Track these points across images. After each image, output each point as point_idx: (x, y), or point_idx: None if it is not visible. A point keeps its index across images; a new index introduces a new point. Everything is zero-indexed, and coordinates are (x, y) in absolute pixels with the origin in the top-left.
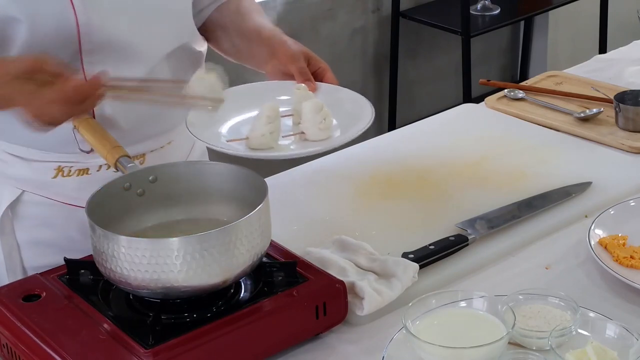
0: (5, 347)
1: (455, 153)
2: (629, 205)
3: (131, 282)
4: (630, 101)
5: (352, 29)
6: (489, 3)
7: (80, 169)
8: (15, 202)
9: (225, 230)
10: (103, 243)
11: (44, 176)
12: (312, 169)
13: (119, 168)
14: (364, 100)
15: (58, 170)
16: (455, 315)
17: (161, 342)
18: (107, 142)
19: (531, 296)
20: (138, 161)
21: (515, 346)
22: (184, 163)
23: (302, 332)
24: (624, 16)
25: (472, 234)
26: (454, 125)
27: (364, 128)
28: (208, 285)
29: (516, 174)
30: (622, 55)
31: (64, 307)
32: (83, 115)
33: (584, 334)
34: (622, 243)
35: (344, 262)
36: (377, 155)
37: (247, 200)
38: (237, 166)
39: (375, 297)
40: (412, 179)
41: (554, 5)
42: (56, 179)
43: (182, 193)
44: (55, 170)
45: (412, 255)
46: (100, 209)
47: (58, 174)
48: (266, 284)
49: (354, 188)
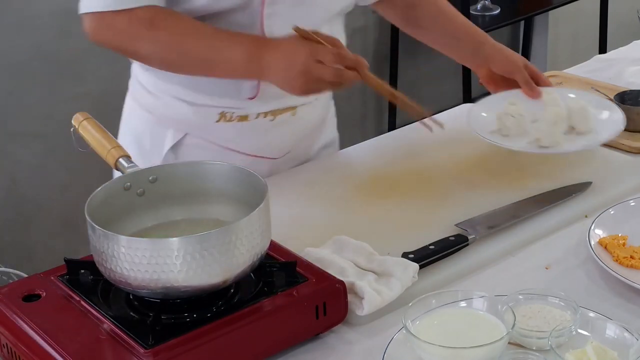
0: (5, 347)
1: (455, 153)
2: (629, 205)
3: (131, 282)
4: (630, 101)
5: (352, 29)
6: (489, 3)
7: (241, 116)
8: (178, 145)
9: (225, 230)
10: (103, 243)
11: (207, 120)
12: (312, 169)
13: (119, 168)
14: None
15: (221, 115)
16: (455, 315)
17: (161, 342)
18: (107, 142)
19: (531, 296)
20: (290, 112)
21: (515, 346)
22: (184, 163)
23: (302, 332)
24: (624, 16)
25: (472, 234)
26: (454, 125)
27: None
28: (208, 285)
29: (516, 174)
30: (622, 55)
31: (64, 307)
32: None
33: (584, 334)
34: (622, 243)
35: (343, 262)
36: (377, 155)
37: (247, 200)
38: (237, 166)
39: (375, 297)
40: (412, 179)
41: (554, 5)
42: (218, 124)
43: (182, 193)
44: (219, 115)
45: (412, 255)
46: (100, 209)
47: (221, 119)
48: (266, 284)
49: (354, 188)
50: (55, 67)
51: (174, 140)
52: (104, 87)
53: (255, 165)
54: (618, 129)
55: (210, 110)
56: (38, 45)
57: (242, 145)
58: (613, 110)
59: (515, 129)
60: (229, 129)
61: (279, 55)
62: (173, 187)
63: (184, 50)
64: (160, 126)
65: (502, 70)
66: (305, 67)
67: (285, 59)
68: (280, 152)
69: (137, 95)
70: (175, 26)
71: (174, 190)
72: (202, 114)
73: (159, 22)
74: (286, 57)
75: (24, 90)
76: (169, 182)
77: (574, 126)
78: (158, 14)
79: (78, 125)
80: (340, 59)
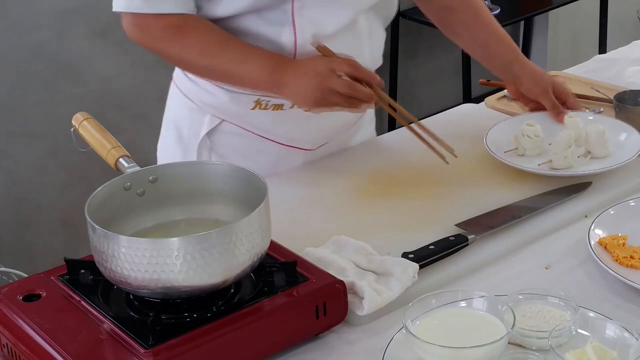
0: (5, 347)
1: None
2: (629, 205)
3: (131, 282)
4: (630, 101)
5: None
6: (489, 3)
7: (276, 105)
8: (214, 131)
9: (225, 230)
10: (103, 243)
11: (243, 107)
12: (312, 169)
13: (119, 168)
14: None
15: (256, 102)
16: (455, 315)
17: (161, 342)
18: (107, 142)
19: (531, 296)
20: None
21: (515, 346)
22: (184, 163)
23: (302, 332)
24: (624, 16)
25: (472, 234)
26: (454, 125)
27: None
28: (208, 285)
29: (517, 174)
30: (622, 55)
31: (64, 307)
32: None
33: (584, 334)
34: (622, 243)
35: (343, 262)
36: (377, 155)
37: (247, 200)
38: (237, 166)
39: (375, 297)
40: (412, 179)
41: (554, 5)
42: (254, 111)
43: (182, 193)
44: (254, 102)
45: (412, 255)
46: (100, 209)
47: (256, 107)
48: (266, 284)
49: (354, 188)
50: (55, 67)
51: (211, 125)
52: (104, 87)
53: (289, 156)
54: (633, 155)
55: (246, 97)
56: (38, 45)
57: (277, 135)
58: (631, 133)
59: (531, 149)
60: (264, 117)
61: (298, 72)
62: (173, 187)
63: (209, 60)
64: (198, 112)
65: (529, 92)
66: (321, 78)
67: (303, 74)
68: (314, 144)
69: (178, 82)
70: (203, 36)
71: (174, 190)
72: (238, 101)
73: (189, 30)
74: (305, 71)
75: (24, 90)
76: (169, 182)
77: (590, 150)
78: (188, 22)
79: (78, 125)
80: (355, 69)
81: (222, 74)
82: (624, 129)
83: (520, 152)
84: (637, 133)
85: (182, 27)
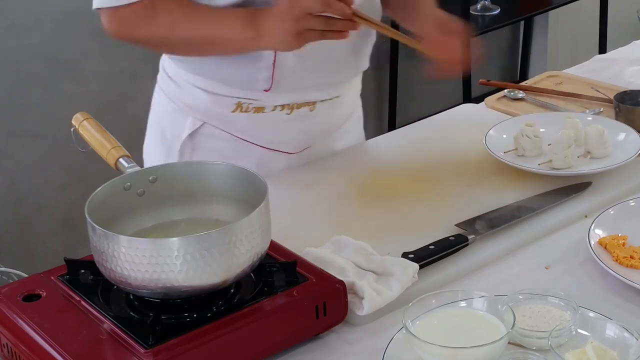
0: (5, 347)
1: (455, 153)
2: (629, 205)
3: (131, 282)
4: (630, 101)
5: None
6: (489, 3)
7: (257, 107)
8: (195, 133)
9: (225, 230)
10: (103, 243)
11: (224, 110)
12: (312, 169)
13: (119, 168)
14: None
15: (237, 105)
16: (455, 315)
17: (161, 342)
18: (107, 142)
19: (531, 296)
20: (308, 107)
21: (515, 346)
22: (184, 163)
23: (302, 332)
24: (624, 16)
25: (472, 234)
26: (454, 125)
27: None
28: (208, 285)
29: (516, 174)
30: (622, 55)
31: (64, 307)
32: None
33: (584, 334)
34: (622, 243)
35: (343, 262)
36: (377, 155)
37: (247, 200)
38: (237, 166)
39: (375, 297)
40: (412, 179)
41: (554, 5)
42: (235, 114)
43: (182, 193)
44: (235, 105)
45: (412, 255)
46: (100, 209)
47: (237, 109)
48: (266, 284)
49: (354, 188)
50: (55, 67)
51: (192, 128)
52: (104, 87)
53: (271, 159)
54: (632, 155)
55: (227, 99)
56: (38, 45)
57: (258, 138)
58: (630, 133)
59: (530, 149)
60: (244, 119)
61: (270, 20)
62: (173, 187)
63: (179, 32)
64: (181, 114)
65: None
66: (292, 14)
67: (274, 18)
68: (296, 147)
69: (162, 84)
70: (171, 11)
71: (174, 190)
72: (220, 103)
73: (158, 9)
74: (275, 15)
75: (24, 90)
76: (169, 182)
77: (589, 151)
78: (156, 2)
79: (78, 125)
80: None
81: (198, 43)
82: (623, 129)
83: (520, 153)
84: (637, 133)
85: (151, 8)
